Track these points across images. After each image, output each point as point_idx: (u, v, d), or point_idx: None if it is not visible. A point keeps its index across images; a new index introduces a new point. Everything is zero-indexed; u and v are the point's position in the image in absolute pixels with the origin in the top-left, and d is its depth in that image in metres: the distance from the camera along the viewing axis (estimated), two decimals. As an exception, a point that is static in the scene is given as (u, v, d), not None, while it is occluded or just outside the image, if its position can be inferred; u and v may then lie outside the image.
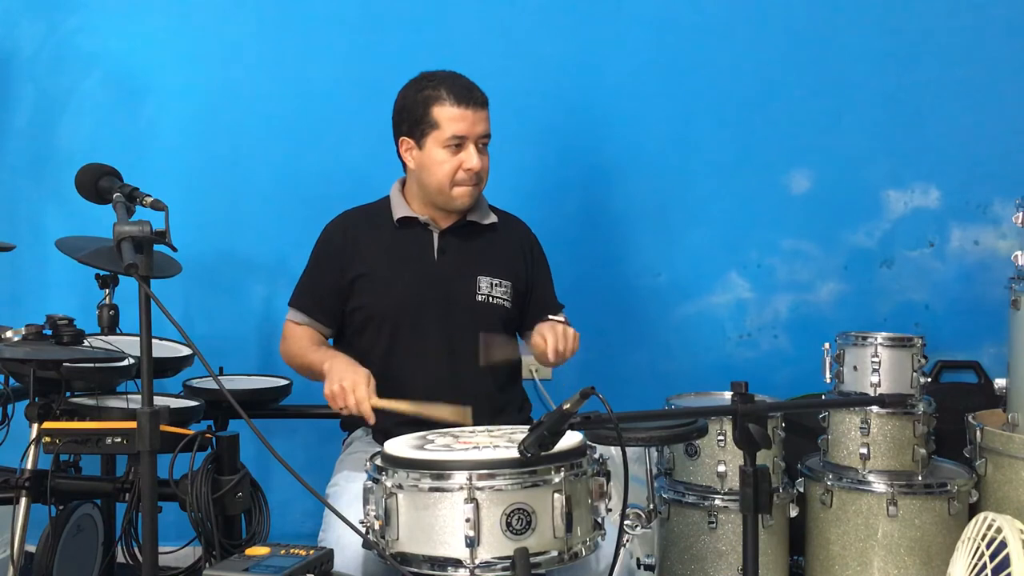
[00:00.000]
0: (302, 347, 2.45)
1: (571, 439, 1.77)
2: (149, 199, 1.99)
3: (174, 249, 1.89)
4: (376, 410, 2.16)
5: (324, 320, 2.48)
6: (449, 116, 2.37)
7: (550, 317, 2.45)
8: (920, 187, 3.35)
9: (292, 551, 1.75)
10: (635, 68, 3.36)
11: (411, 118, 2.42)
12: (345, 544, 1.92)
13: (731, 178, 3.37)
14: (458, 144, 2.38)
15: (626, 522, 2.22)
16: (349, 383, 2.17)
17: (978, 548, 2.13)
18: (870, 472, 2.78)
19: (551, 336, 2.26)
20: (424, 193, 2.46)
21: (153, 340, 1.78)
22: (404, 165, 2.49)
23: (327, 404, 2.23)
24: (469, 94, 2.38)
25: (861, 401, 2.85)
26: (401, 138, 2.46)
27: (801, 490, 2.89)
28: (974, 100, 3.31)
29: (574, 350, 2.30)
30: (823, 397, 2.99)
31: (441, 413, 2.14)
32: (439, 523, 1.70)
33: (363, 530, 1.79)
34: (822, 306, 3.38)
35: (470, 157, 2.38)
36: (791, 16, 3.34)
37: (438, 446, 1.85)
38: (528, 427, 1.65)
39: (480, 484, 1.68)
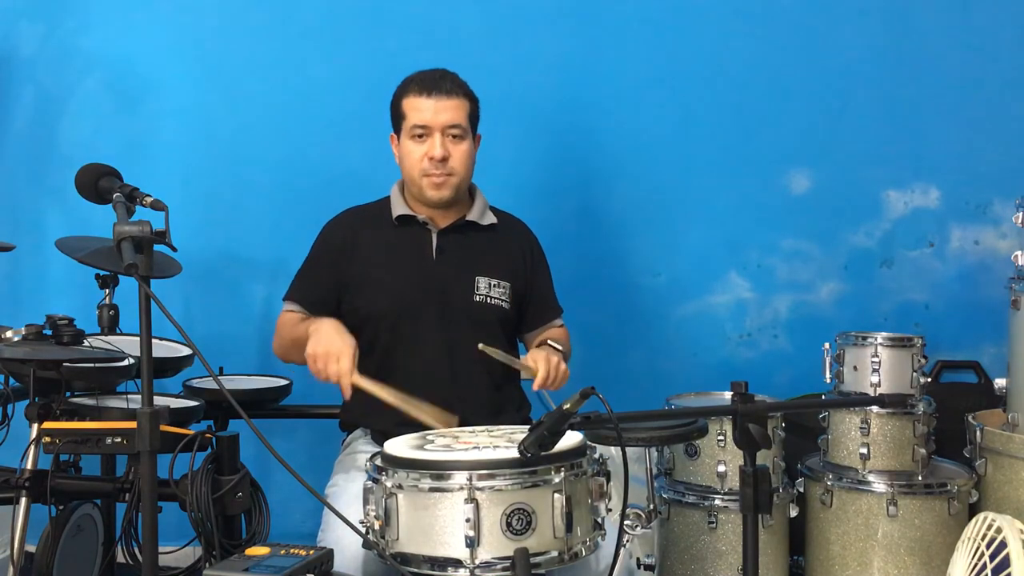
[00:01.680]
0: (292, 327, 2.43)
1: (571, 439, 1.77)
2: (149, 199, 1.99)
3: (174, 249, 1.89)
4: (366, 396, 2.14)
5: (318, 315, 2.47)
6: (412, 106, 2.39)
7: (550, 342, 2.45)
8: (920, 187, 3.35)
9: (292, 551, 1.75)
10: (635, 68, 3.36)
11: (392, 113, 2.46)
12: (345, 544, 1.91)
13: (731, 178, 3.37)
14: (421, 134, 2.39)
15: (626, 522, 2.21)
16: (335, 350, 2.14)
17: (978, 548, 2.13)
18: (870, 472, 2.77)
19: (543, 369, 2.23)
20: (407, 188, 2.48)
21: (153, 340, 1.78)
22: None
23: (327, 404, 2.22)
24: (434, 83, 2.38)
25: (861, 401, 2.85)
26: (391, 134, 2.49)
27: (801, 490, 2.89)
28: (974, 100, 3.31)
29: (561, 385, 2.29)
30: (823, 397, 2.99)
31: (425, 415, 2.13)
32: (439, 523, 1.70)
33: (363, 530, 1.79)
34: (822, 306, 3.38)
35: (433, 146, 2.38)
36: (791, 16, 3.34)
37: (438, 446, 1.85)
38: (528, 427, 1.65)
39: (480, 484, 1.68)
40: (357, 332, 2.45)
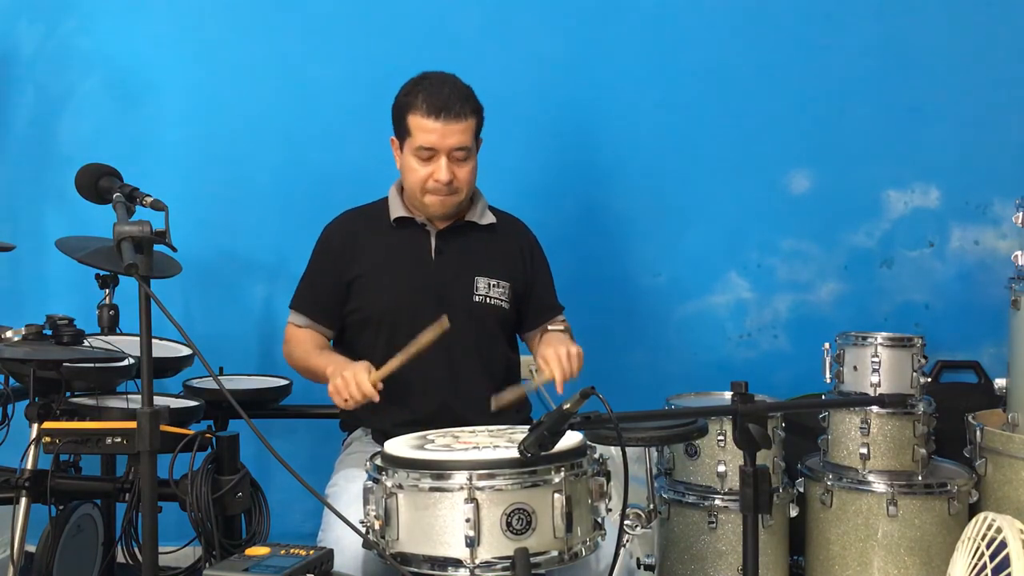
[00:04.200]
0: (305, 350, 2.45)
1: (571, 439, 1.77)
2: (149, 199, 2.00)
3: (174, 249, 1.89)
4: (378, 398, 2.16)
5: (325, 322, 2.48)
6: (420, 127, 2.35)
7: (550, 328, 2.43)
8: (920, 187, 3.35)
9: (292, 551, 1.75)
10: (635, 68, 3.36)
11: (395, 120, 2.44)
12: (345, 544, 1.91)
13: (731, 178, 3.37)
14: (428, 155, 2.37)
15: (626, 522, 2.22)
16: (350, 373, 2.18)
17: (978, 548, 2.12)
18: (870, 472, 2.78)
19: (558, 369, 2.23)
20: (407, 195, 2.48)
21: (153, 340, 1.78)
22: None
23: (327, 404, 2.23)
24: (443, 106, 2.33)
25: (861, 401, 2.85)
26: (392, 137, 2.48)
27: (801, 490, 2.89)
28: (974, 100, 3.31)
29: (579, 369, 2.28)
30: (823, 397, 2.99)
31: (425, 339, 2.16)
32: (439, 523, 1.70)
33: (363, 530, 1.79)
34: (822, 306, 3.38)
35: (439, 169, 2.36)
36: (791, 16, 3.34)
37: (438, 446, 1.85)
38: (528, 427, 1.65)
39: (480, 484, 1.68)
40: (358, 334, 2.47)
